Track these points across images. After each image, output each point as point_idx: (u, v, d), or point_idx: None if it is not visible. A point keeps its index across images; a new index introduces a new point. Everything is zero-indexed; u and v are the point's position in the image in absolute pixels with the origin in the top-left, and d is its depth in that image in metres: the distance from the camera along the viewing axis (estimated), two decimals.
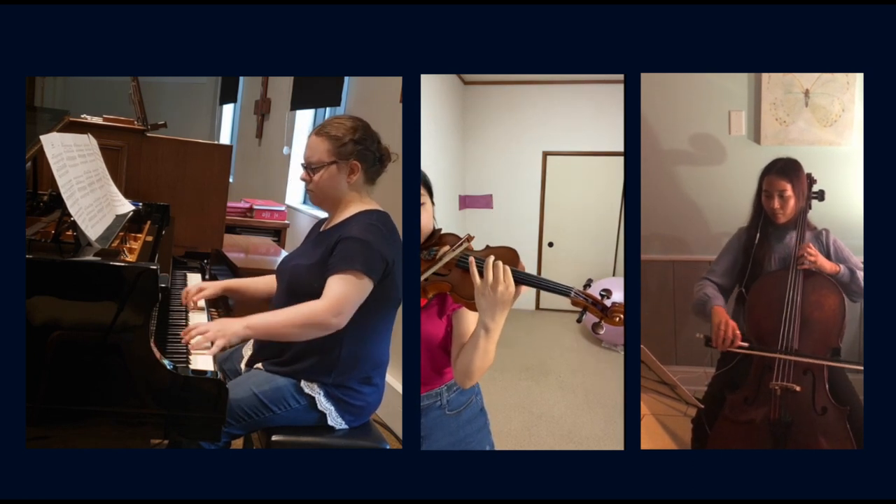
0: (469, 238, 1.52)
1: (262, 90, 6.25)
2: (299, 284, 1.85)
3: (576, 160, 5.95)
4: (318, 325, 1.76)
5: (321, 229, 1.97)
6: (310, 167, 1.89)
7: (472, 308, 1.43)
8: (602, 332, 1.41)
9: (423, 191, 1.58)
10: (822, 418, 2.02)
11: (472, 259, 1.42)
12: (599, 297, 1.40)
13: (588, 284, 1.44)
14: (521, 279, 1.40)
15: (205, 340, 1.72)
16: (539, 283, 1.41)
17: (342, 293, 1.76)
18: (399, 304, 1.92)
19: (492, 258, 1.40)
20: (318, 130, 1.91)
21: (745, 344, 2.08)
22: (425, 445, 1.61)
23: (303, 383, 1.85)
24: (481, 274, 1.39)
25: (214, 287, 2.06)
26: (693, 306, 2.27)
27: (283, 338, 1.82)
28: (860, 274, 2.12)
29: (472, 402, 1.66)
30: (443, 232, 1.60)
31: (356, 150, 1.87)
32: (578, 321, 1.42)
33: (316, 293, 1.78)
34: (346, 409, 1.87)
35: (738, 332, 2.08)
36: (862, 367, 1.95)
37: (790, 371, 2.05)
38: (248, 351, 2.03)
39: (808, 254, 2.09)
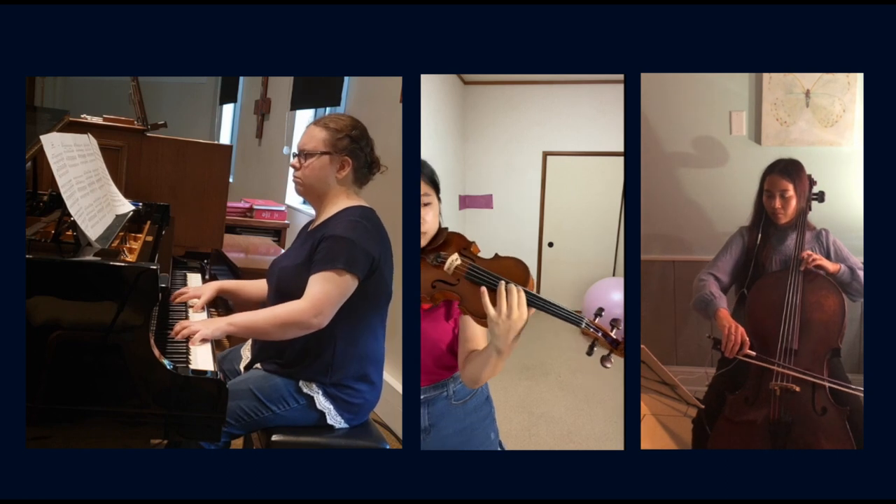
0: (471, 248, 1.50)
1: (262, 90, 6.25)
2: (287, 286, 1.85)
3: (576, 160, 5.94)
4: (298, 325, 1.77)
5: (308, 229, 1.97)
6: (302, 154, 1.90)
7: (482, 323, 1.40)
8: (610, 365, 1.35)
9: (428, 188, 1.56)
10: (822, 419, 2.02)
11: (483, 290, 1.38)
12: (609, 329, 1.36)
13: (599, 313, 1.40)
14: (535, 304, 1.35)
15: (188, 333, 1.76)
16: (552, 310, 1.36)
17: (322, 293, 1.77)
18: (390, 299, 1.92)
19: (503, 284, 1.35)
20: (318, 121, 1.93)
21: (753, 353, 2.06)
22: (432, 434, 1.60)
23: (301, 383, 1.85)
24: (494, 302, 1.35)
25: (210, 292, 2.06)
26: (695, 302, 2.25)
27: (265, 336, 1.83)
28: (860, 272, 2.12)
29: (478, 392, 1.66)
30: (449, 231, 1.58)
31: (351, 147, 1.88)
32: (589, 354, 1.37)
33: (303, 293, 1.79)
34: (344, 408, 1.87)
35: (746, 338, 2.05)
36: (861, 392, 1.95)
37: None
38: (247, 352, 2.03)
39: (812, 259, 2.09)
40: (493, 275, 1.40)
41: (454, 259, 1.48)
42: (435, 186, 1.57)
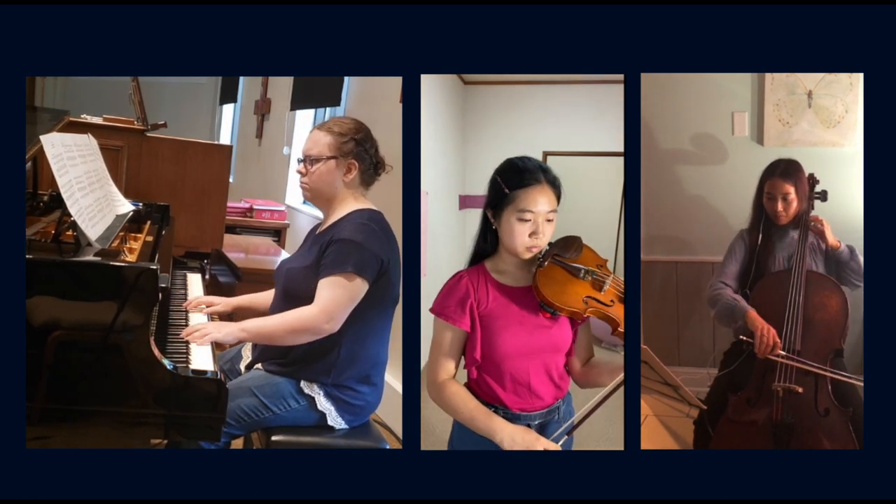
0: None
1: (262, 90, 6.25)
2: (294, 288, 1.85)
3: (576, 160, 5.93)
4: (310, 331, 1.77)
5: (316, 231, 1.97)
6: (308, 159, 1.90)
7: None
8: None
9: (556, 205, 1.53)
10: (824, 420, 2.01)
11: None
12: None
13: None
14: None
15: (200, 336, 1.75)
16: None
17: (333, 298, 1.76)
18: (396, 302, 1.92)
19: None
20: (321, 125, 1.93)
21: (782, 353, 2.04)
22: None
23: (302, 384, 1.85)
24: None
25: (225, 305, 2.05)
26: (718, 312, 2.22)
27: (278, 342, 1.83)
28: (860, 256, 2.12)
29: (572, 408, 1.64)
30: (584, 243, 1.58)
31: (356, 150, 1.88)
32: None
33: (311, 296, 1.79)
34: (345, 409, 1.87)
35: (777, 339, 2.04)
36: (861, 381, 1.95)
37: (793, 372, 2.04)
38: (247, 351, 2.03)
39: (818, 223, 2.09)
40: None
41: (611, 281, 1.52)
42: (559, 200, 1.54)
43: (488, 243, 1.57)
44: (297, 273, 1.87)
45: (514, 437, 1.45)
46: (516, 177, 1.51)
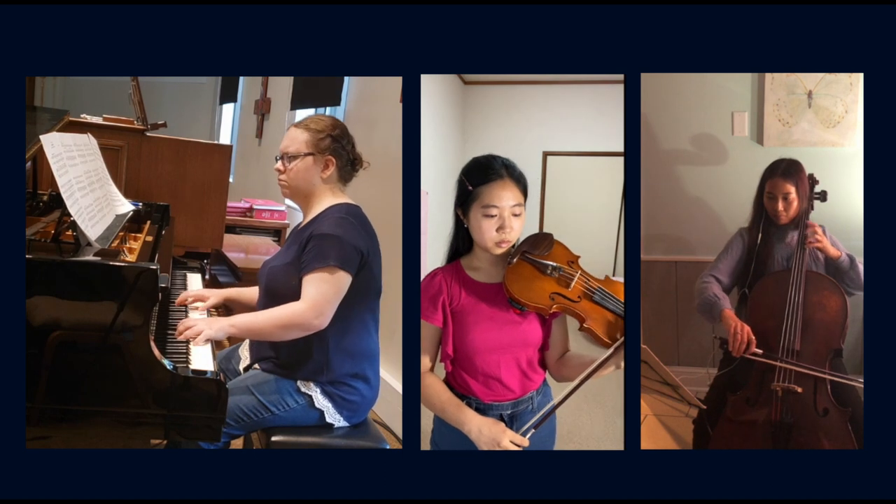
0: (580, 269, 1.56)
1: (262, 90, 6.25)
2: (275, 285, 1.86)
3: (576, 160, 5.94)
4: (299, 327, 1.78)
5: (297, 229, 1.98)
6: (286, 157, 1.92)
7: (605, 345, 1.46)
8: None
9: (522, 198, 1.53)
10: (823, 420, 2.01)
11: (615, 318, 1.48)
12: None
13: None
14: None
15: (192, 334, 1.76)
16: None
17: (320, 293, 1.77)
18: (379, 294, 1.93)
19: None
20: (298, 123, 1.95)
21: (760, 351, 2.05)
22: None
23: (299, 383, 1.85)
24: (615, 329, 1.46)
25: (217, 297, 2.06)
26: (699, 305, 2.24)
27: (267, 337, 1.83)
28: (859, 265, 2.12)
29: (550, 400, 1.64)
30: (555, 239, 1.59)
31: (333, 146, 1.91)
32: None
33: (292, 293, 1.79)
34: (342, 405, 1.87)
35: (752, 336, 2.05)
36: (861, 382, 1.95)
37: (792, 372, 2.04)
38: (245, 352, 2.03)
39: (816, 237, 2.09)
40: (621, 302, 1.48)
41: (579, 275, 1.53)
42: (526, 196, 1.55)
43: (461, 241, 1.61)
44: (278, 271, 1.88)
45: (482, 428, 1.48)
46: (479, 174, 1.53)
